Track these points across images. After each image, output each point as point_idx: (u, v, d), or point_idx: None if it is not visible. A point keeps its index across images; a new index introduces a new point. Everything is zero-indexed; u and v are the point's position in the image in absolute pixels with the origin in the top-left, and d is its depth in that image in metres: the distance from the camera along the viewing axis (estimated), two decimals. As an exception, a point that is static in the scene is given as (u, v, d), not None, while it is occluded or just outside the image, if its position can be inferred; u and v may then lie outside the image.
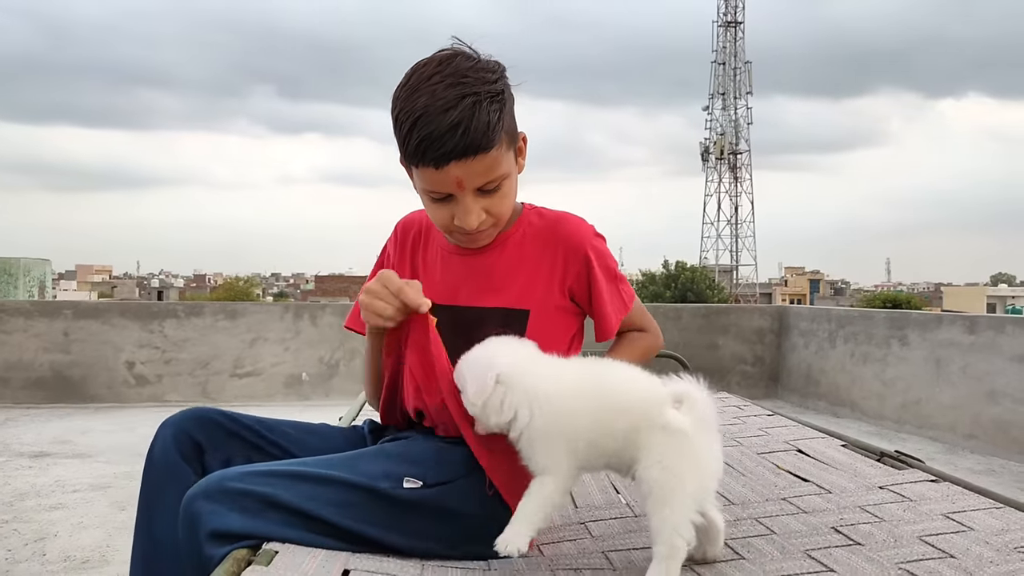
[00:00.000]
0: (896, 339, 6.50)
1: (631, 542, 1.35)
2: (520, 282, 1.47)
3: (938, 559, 1.21)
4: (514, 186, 1.44)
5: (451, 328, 1.45)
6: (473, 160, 1.30)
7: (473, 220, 1.37)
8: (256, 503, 1.16)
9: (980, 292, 61.20)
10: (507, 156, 1.38)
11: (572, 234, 1.48)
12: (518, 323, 1.44)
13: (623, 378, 1.23)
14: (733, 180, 69.41)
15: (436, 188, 1.35)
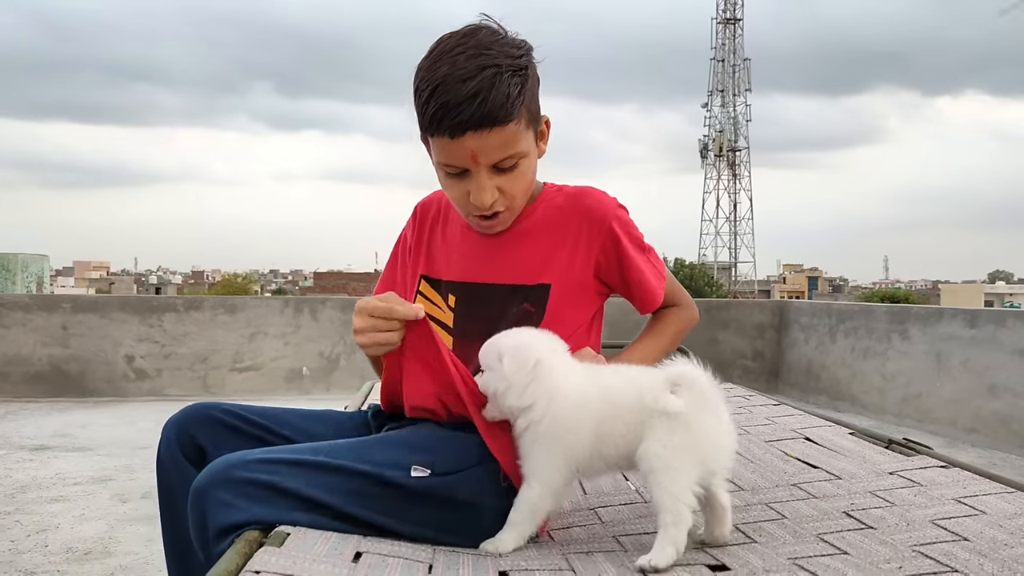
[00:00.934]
0: (897, 333, 6.50)
1: (642, 527, 1.34)
2: (541, 257, 1.45)
3: (952, 542, 1.20)
4: (532, 167, 1.41)
5: (471, 304, 1.45)
6: (489, 132, 1.28)
7: (487, 197, 1.35)
8: (262, 490, 1.14)
9: (978, 289, 61.32)
10: (526, 134, 1.35)
11: (595, 207, 1.46)
12: (539, 299, 1.43)
13: (623, 383, 1.22)
14: (732, 177, 69.43)
15: (451, 161, 1.34)
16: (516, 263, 1.45)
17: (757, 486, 1.55)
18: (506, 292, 1.44)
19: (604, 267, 1.46)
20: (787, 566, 1.12)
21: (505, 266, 1.45)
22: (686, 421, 1.15)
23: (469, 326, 1.46)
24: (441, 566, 1.11)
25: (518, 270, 1.45)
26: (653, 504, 1.15)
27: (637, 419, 1.16)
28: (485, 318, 1.43)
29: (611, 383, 1.22)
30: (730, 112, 69.80)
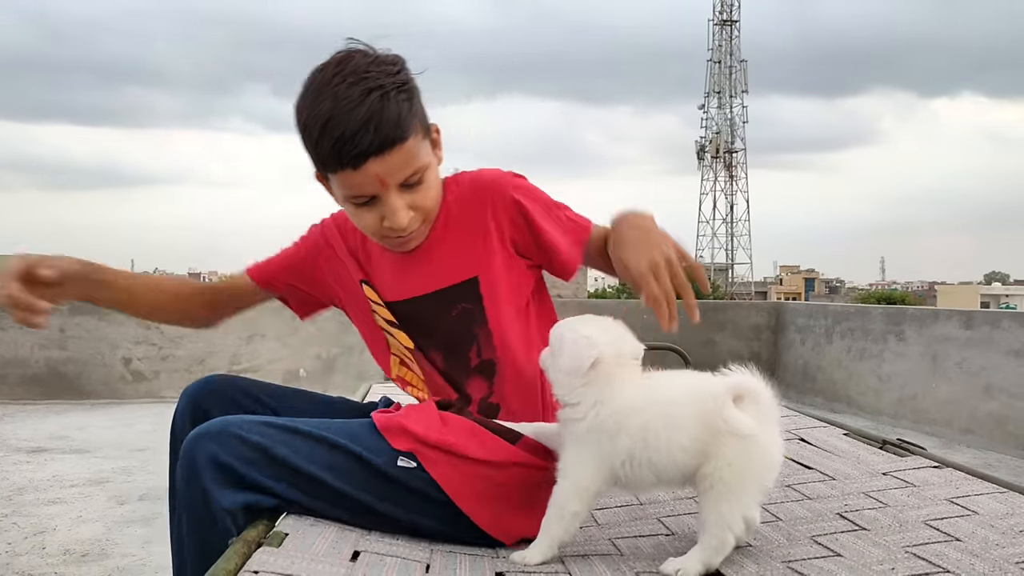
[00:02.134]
0: (893, 334, 6.52)
1: (637, 530, 1.35)
2: (459, 255, 1.42)
3: (944, 542, 1.22)
4: (436, 177, 1.40)
5: (413, 320, 1.46)
6: (390, 154, 1.26)
7: (402, 218, 1.33)
8: (253, 452, 1.16)
9: (974, 291, 61.50)
10: (424, 146, 1.34)
11: (491, 186, 1.43)
12: (471, 294, 1.41)
13: (684, 395, 1.16)
14: (728, 179, 69.54)
15: (358, 191, 1.31)
16: (438, 268, 1.43)
17: (752, 487, 1.56)
18: (437, 299, 1.43)
19: (520, 242, 1.43)
20: (781, 570, 1.13)
21: (428, 274, 1.43)
22: (754, 440, 1.11)
23: (424, 342, 1.47)
24: (438, 565, 1.13)
25: (441, 274, 1.43)
26: (701, 517, 1.14)
27: (703, 436, 1.11)
28: (431, 329, 1.45)
29: (671, 397, 1.16)
30: (727, 113, 69.95)
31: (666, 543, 1.29)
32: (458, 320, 1.42)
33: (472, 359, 1.42)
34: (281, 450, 1.17)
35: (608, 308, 8.54)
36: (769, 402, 1.15)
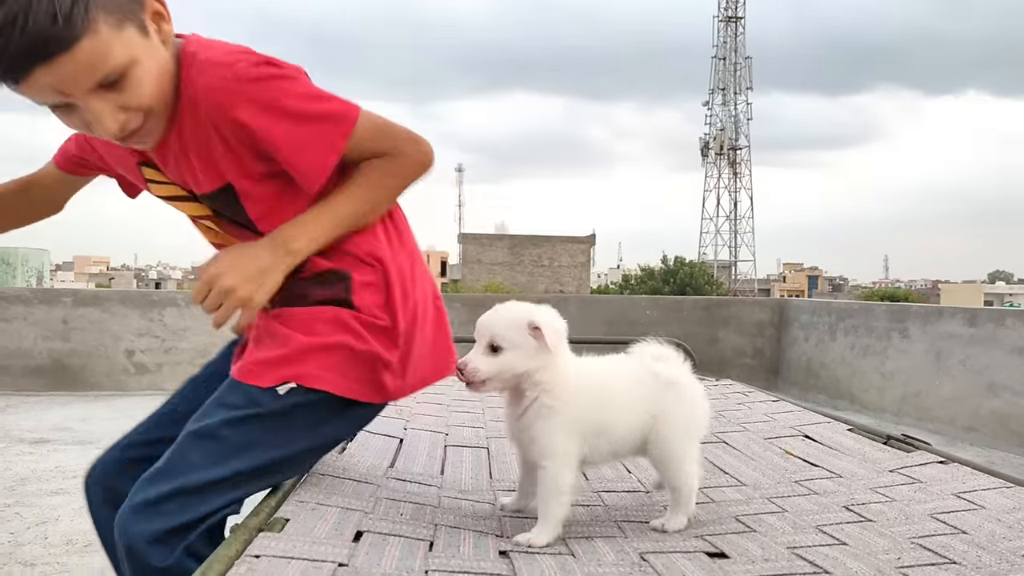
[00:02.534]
0: (896, 332, 6.50)
1: (644, 515, 1.34)
2: (207, 157, 1.25)
3: (950, 535, 1.21)
4: (151, 69, 1.14)
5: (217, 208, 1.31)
6: (60, 61, 1.03)
7: (110, 124, 1.13)
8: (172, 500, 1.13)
9: (977, 289, 61.30)
10: (122, 38, 1.09)
11: (207, 98, 1.19)
12: (232, 201, 1.28)
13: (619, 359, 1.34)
14: (732, 176, 69.38)
15: (42, 100, 1.11)
16: (195, 170, 1.26)
17: (758, 483, 1.56)
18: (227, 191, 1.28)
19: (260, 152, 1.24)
20: (786, 555, 1.12)
21: (189, 174, 1.27)
22: (682, 392, 1.29)
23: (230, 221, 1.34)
24: (442, 543, 1.12)
25: (199, 177, 1.27)
26: (666, 482, 1.30)
27: (646, 391, 1.26)
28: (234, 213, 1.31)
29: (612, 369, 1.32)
30: (731, 110, 69.78)
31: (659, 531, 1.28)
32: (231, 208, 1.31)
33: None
34: (193, 477, 1.14)
35: (612, 304, 8.53)
36: (680, 362, 1.32)
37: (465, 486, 1.50)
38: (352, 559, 1.01)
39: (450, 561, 1.05)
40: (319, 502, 1.22)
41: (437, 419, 2.00)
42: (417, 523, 1.20)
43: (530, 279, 39.67)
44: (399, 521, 1.19)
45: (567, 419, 1.21)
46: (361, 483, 1.39)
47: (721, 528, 1.27)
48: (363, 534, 1.11)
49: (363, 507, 1.23)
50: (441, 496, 1.40)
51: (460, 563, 1.05)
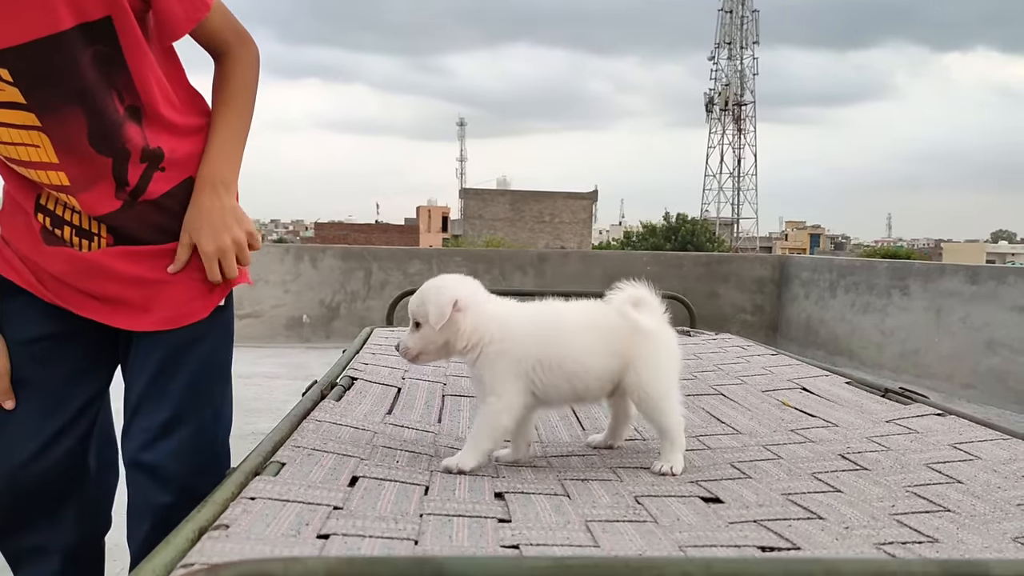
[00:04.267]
0: (897, 289, 6.49)
1: (639, 461, 1.35)
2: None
3: (945, 484, 1.21)
4: None
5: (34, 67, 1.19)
6: None
7: None
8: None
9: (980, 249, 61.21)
10: None
11: None
12: (109, 35, 1.21)
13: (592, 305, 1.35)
14: (736, 132, 68.76)
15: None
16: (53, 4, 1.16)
17: (755, 431, 1.56)
18: (61, 41, 1.18)
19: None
20: (780, 501, 1.12)
21: (40, 12, 1.16)
22: (657, 337, 1.31)
23: (46, 93, 1.21)
24: (437, 488, 1.12)
25: (61, 13, 1.16)
26: (651, 420, 1.33)
27: (612, 335, 1.28)
28: (59, 77, 1.20)
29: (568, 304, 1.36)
30: (737, 65, 68.89)
31: (668, 475, 1.28)
32: (93, 63, 1.22)
33: (119, 108, 1.26)
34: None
35: (612, 259, 8.51)
36: (657, 306, 1.33)
37: (462, 434, 1.50)
38: (347, 503, 1.01)
39: (445, 504, 1.05)
40: (315, 448, 1.22)
41: (436, 368, 2.00)
42: (413, 469, 1.20)
43: (531, 235, 39.60)
44: (395, 467, 1.19)
45: (512, 360, 1.26)
46: (358, 430, 1.39)
47: (716, 474, 1.27)
48: (358, 479, 1.11)
49: (359, 453, 1.23)
50: (438, 444, 1.41)
51: (455, 506, 1.05)
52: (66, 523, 1.35)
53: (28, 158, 1.24)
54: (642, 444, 1.46)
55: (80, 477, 1.36)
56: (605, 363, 1.29)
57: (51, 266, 1.30)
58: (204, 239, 1.30)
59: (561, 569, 0.47)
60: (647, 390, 1.29)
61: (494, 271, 7.70)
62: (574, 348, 1.28)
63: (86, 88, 1.22)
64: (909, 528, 1.02)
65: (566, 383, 1.28)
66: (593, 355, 1.28)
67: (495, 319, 1.28)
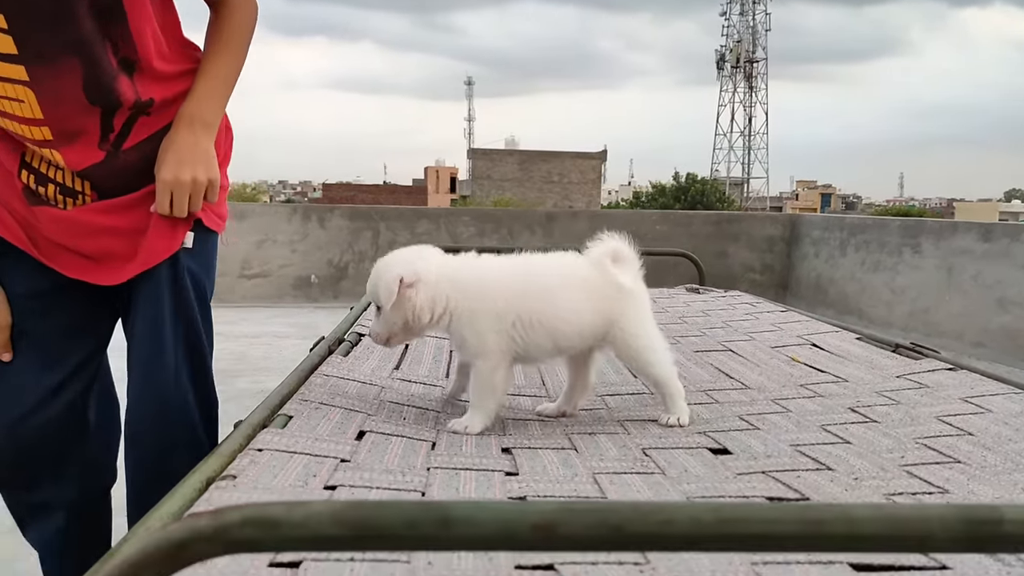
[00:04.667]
0: (909, 247, 6.44)
1: (647, 414, 1.35)
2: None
3: (956, 436, 1.20)
4: None
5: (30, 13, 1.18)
6: None
7: None
8: None
9: (993, 208, 60.62)
10: None
11: None
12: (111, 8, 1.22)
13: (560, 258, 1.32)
14: (748, 90, 67.88)
15: None
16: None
17: (764, 386, 1.55)
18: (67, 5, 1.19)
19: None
20: (788, 452, 1.12)
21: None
22: (636, 292, 1.28)
23: (41, 42, 1.20)
24: (444, 443, 1.12)
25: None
26: (648, 377, 1.33)
27: (590, 289, 1.25)
28: (53, 24, 1.20)
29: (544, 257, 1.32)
30: (749, 21, 67.74)
31: (676, 427, 1.28)
32: (90, 13, 1.21)
33: (111, 59, 1.25)
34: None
35: (621, 218, 8.46)
36: (634, 259, 1.31)
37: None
38: (354, 456, 1.01)
39: (452, 459, 1.05)
40: (322, 402, 1.22)
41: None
42: (420, 425, 1.20)
43: (540, 195, 39.41)
44: (402, 423, 1.19)
45: (492, 317, 1.23)
46: (365, 385, 1.39)
47: (724, 425, 1.27)
48: (366, 434, 1.11)
49: (366, 409, 1.23)
50: (446, 399, 1.40)
51: (463, 460, 1.05)
52: (68, 478, 1.36)
53: (13, 111, 1.23)
54: (650, 398, 1.46)
55: (80, 431, 1.37)
56: (589, 319, 1.25)
57: (40, 226, 1.30)
58: (164, 168, 1.28)
59: (567, 513, 0.46)
60: (634, 344, 1.27)
61: (502, 230, 7.67)
62: (555, 304, 1.24)
63: (83, 38, 1.21)
64: (919, 479, 1.01)
65: (548, 339, 1.24)
66: (575, 311, 1.25)
67: (461, 279, 1.25)
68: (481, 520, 0.46)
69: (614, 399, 1.46)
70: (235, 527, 0.44)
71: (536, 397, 1.46)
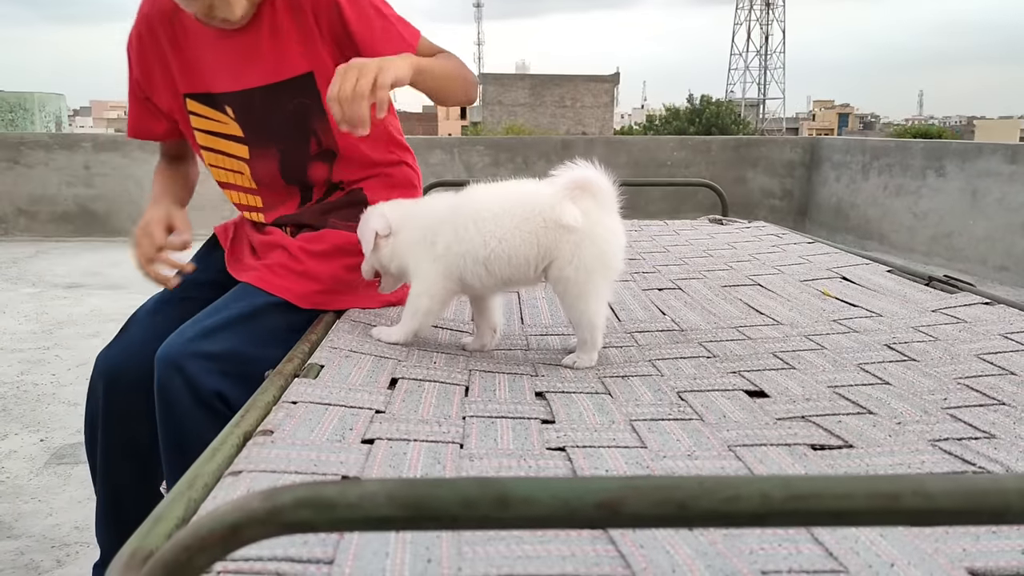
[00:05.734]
0: (933, 170, 6.32)
1: (678, 352, 1.32)
2: (292, 46, 1.41)
3: (998, 376, 1.18)
4: None
5: (249, 111, 1.46)
6: None
7: (238, 10, 1.33)
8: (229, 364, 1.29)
9: (1014, 125, 59.30)
10: None
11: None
12: (308, 88, 1.43)
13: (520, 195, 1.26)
14: (765, 7, 65.95)
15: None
16: (273, 59, 1.42)
17: (796, 321, 1.52)
18: (275, 91, 1.43)
19: (342, 44, 1.41)
20: (827, 394, 1.10)
21: (265, 65, 1.42)
22: (591, 232, 1.20)
23: (258, 132, 1.48)
24: (477, 387, 1.11)
25: (278, 66, 1.42)
26: (569, 320, 1.28)
27: (539, 231, 1.20)
28: (268, 120, 1.46)
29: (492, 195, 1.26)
30: (767, -65, 65.33)
31: (708, 364, 1.26)
32: (297, 113, 1.45)
33: (312, 148, 1.49)
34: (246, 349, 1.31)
35: (639, 145, 8.32)
36: (606, 193, 1.22)
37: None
38: (389, 406, 0.99)
39: (487, 406, 1.04)
40: (352, 349, 1.20)
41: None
42: (451, 369, 1.18)
43: (552, 120, 38.85)
44: (433, 368, 1.18)
45: (426, 244, 1.26)
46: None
47: (759, 364, 1.25)
48: (398, 381, 1.09)
49: (396, 355, 1.22)
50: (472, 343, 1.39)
51: (497, 407, 1.04)
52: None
53: (233, 182, 1.57)
54: (680, 335, 1.44)
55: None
56: (522, 251, 1.22)
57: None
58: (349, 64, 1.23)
59: (630, 490, 0.45)
60: (563, 286, 1.23)
61: (517, 159, 7.58)
62: (483, 233, 1.22)
63: (287, 133, 1.46)
64: (964, 423, 0.99)
65: (481, 268, 1.23)
66: (502, 240, 1.21)
67: (407, 218, 1.30)
68: (542, 499, 0.44)
69: (643, 336, 1.44)
70: (289, 509, 0.43)
71: (564, 335, 1.44)
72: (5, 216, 7.11)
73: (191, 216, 1.56)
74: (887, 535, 0.68)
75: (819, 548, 0.66)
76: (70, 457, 2.55)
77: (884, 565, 0.63)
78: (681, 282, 1.87)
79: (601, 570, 0.62)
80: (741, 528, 0.55)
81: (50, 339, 3.93)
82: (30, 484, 2.37)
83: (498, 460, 0.86)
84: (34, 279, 5.41)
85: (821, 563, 0.63)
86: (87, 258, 6.20)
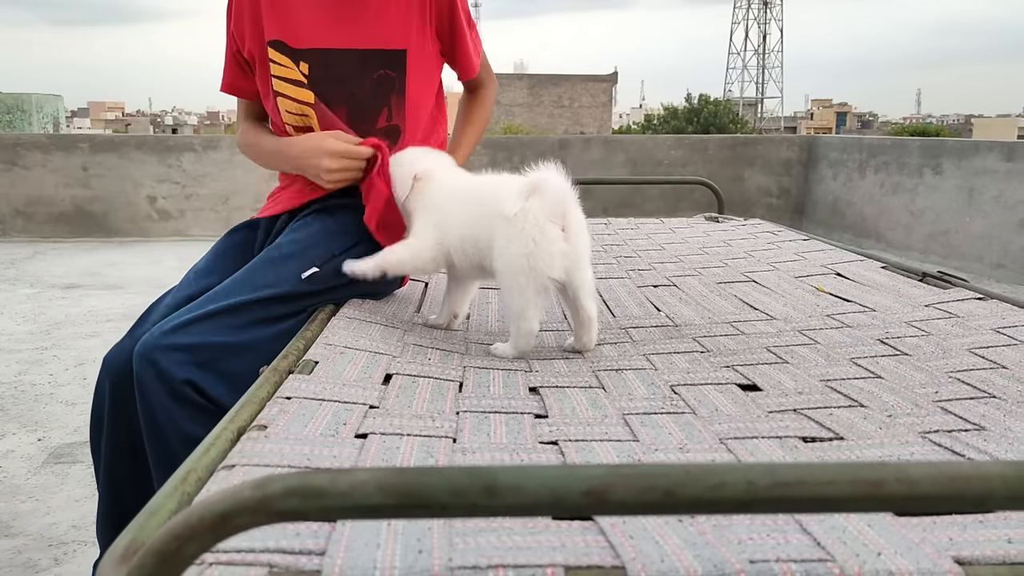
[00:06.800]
0: (929, 168, 6.33)
1: (672, 347, 1.33)
2: (394, 20, 1.44)
3: (989, 370, 1.18)
4: None
5: (327, 71, 1.44)
6: None
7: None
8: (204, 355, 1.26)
9: (1012, 123, 59.34)
10: None
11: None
12: (398, 65, 1.45)
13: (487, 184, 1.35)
14: (763, 6, 65.97)
15: None
16: (371, 26, 1.43)
17: (789, 316, 1.53)
18: (363, 57, 1.45)
19: (441, 32, 1.49)
20: (819, 388, 1.11)
21: (359, 29, 1.43)
22: (529, 231, 1.20)
23: (329, 93, 1.47)
24: (471, 383, 1.12)
25: (374, 34, 1.44)
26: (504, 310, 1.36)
27: (485, 222, 1.27)
28: (343, 84, 1.46)
29: (479, 183, 1.37)
30: (764, -66, 65.34)
31: (701, 359, 1.27)
32: (376, 84, 1.46)
33: (380, 122, 1.50)
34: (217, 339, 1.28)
35: (636, 144, 8.33)
36: (563, 194, 1.21)
37: (492, 328, 1.49)
38: (383, 401, 1.00)
39: (481, 401, 1.04)
40: (347, 345, 1.21)
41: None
42: (446, 365, 1.19)
43: (550, 120, 38.85)
44: (427, 364, 1.18)
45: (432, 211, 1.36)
46: (388, 327, 1.38)
47: (752, 359, 1.25)
48: (392, 376, 1.10)
49: (391, 351, 1.22)
50: (468, 339, 1.40)
51: (491, 402, 1.04)
52: None
53: (303, 125, 1.51)
54: (675, 331, 1.44)
55: None
56: (482, 237, 1.29)
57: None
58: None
59: (616, 478, 0.45)
60: (501, 279, 1.28)
61: (515, 159, 7.58)
62: (456, 218, 1.34)
63: (360, 100, 1.47)
64: (954, 415, 1.00)
65: (461, 252, 1.34)
66: (462, 228, 1.32)
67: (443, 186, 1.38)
68: (529, 488, 0.44)
69: (638, 331, 1.45)
70: (279, 497, 0.44)
71: (559, 331, 1.45)
72: (3, 217, 7.11)
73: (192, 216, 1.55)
74: (874, 525, 0.68)
75: (807, 538, 0.66)
76: (67, 456, 2.56)
77: (871, 554, 0.64)
78: (676, 278, 1.88)
79: (591, 560, 0.62)
80: (727, 515, 0.56)
81: (48, 339, 3.93)
82: (27, 483, 2.38)
83: (490, 454, 0.86)
84: (32, 280, 5.41)
85: (809, 552, 0.64)
86: (84, 259, 6.20)
